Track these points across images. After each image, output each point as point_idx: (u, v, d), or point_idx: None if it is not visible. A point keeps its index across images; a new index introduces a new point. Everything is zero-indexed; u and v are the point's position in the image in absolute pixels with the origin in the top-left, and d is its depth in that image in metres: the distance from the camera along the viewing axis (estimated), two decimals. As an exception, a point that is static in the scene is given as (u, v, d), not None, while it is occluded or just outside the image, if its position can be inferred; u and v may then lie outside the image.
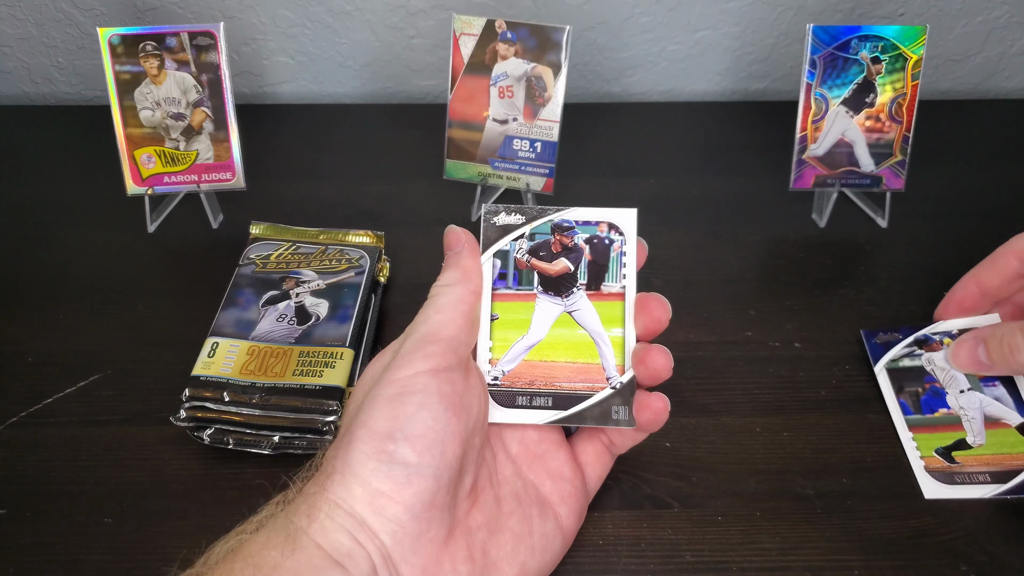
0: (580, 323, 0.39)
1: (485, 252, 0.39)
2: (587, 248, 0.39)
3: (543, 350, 0.39)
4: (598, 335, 0.39)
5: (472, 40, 0.56)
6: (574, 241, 0.39)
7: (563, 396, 0.38)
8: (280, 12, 0.70)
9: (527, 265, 0.39)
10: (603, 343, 0.39)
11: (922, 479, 0.44)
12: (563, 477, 0.39)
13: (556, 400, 0.38)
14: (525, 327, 0.39)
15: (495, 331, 0.39)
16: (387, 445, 0.32)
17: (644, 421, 0.38)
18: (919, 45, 0.56)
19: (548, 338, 0.39)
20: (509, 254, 0.39)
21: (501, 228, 0.39)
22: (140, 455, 0.46)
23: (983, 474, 0.44)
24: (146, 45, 0.55)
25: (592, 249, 0.39)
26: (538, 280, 0.39)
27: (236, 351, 0.46)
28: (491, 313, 0.39)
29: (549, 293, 0.39)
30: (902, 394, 0.48)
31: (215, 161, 0.58)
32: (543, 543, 0.37)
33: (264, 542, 0.31)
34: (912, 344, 0.49)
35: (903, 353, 0.49)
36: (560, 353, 0.39)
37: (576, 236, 0.39)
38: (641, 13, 0.71)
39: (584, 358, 0.39)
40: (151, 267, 0.58)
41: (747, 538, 0.42)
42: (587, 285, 0.39)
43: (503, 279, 0.39)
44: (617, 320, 0.39)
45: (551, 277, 0.39)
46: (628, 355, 0.38)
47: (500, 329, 0.39)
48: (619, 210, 0.39)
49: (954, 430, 0.46)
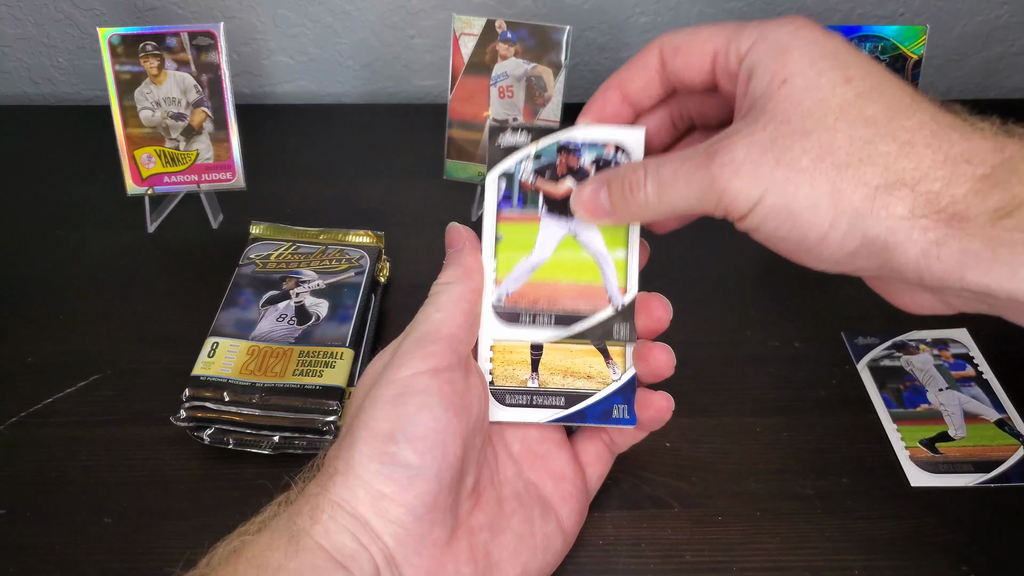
0: (584, 244, 0.38)
1: (490, 173, 0.38)
2: (593, 169, 0.38)
3: (547, 271, 0.38)
4: (601, 256, 0.38)
5: (472, 40, 0.56)
6: (580, 162, 0.38)
7: (565, 316, 0.38)
8: (280, 12, 0.70)
9: (532, 187, 0.38)
10: (606, 264, 0.38)
11: (908, 467, 0.45)
12: (564, 477, 0.39)
13: (558, 319, 0.38)
14: (529, 248, 0.38)
15: (499, 252, 0.38)
16: (389, 447, 0.32)
17: (646, 419, 0.38)
18: (919, 45, 0.56)
19: (552, 259, 0.38)
20: (514, 176, 0.39)
21: (506, 149, 0.38)
22: (140, 455, 0.45)
23: (966, 464, 0.45)
24: (146, 45, 0.55)
25: (598, 170, 0.38)
26: (543, 201, 0.38)
27: (236, 351, 0.46)
28: (496, 234, 0.38)
29: (554, 214, 0.38)
30: (885, 389, 0.49)
31: (215, 161, 0.58)
32: (545, 543, 0.37)
33: (267, 543, 0.31)
34: (891, 347, 0.51)
35: (883, 355, 0.50)
36: (563, 274, 0.38)
37: (583, 157, 0.38)
38: (641, 13, 0.71)
39: (587, 279, 0.38)
40: (151, 267, 0.58)
41: (747, 538, 0.42)
42: None
43: (508, 200, 0.38)
44: (620, 242, 0.38)
45: (556, 198, 0.39)
46: (631, 278, 0.38)
47: (504, 251, 0.38)
48: (626, 129, 0.38)
49: (936, 423, 0.47)
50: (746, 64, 0.32)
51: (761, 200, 0.30)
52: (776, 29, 0.32)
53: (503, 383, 0.38)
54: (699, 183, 0.31)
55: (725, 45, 0.33)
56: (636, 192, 0.34)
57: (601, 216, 0.36)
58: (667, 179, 0.33)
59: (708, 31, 0.34)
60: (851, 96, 0.30)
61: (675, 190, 0.32)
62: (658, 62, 0.36)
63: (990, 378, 0.49)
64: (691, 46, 0.34)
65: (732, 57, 0.33)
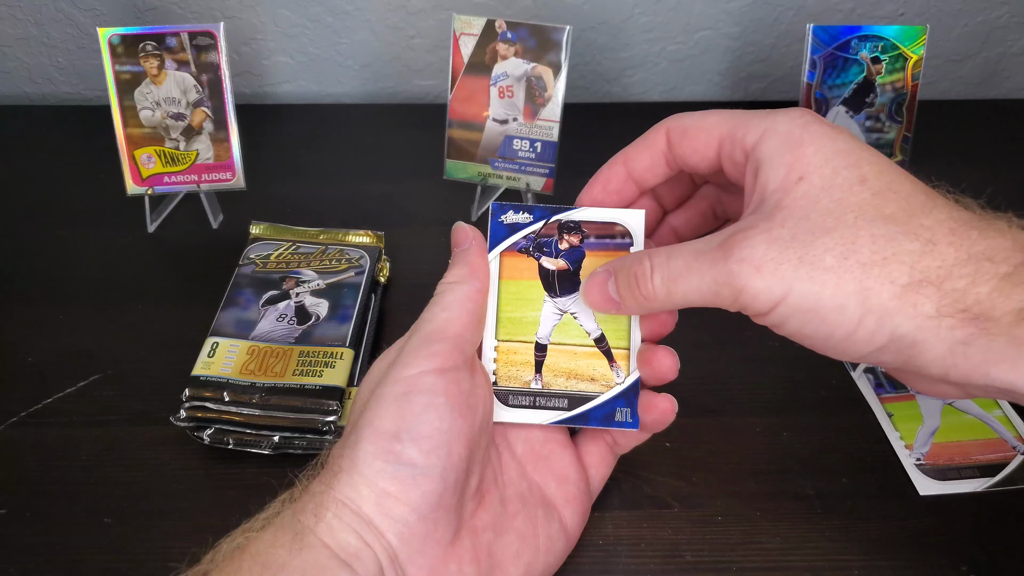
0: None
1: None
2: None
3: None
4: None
5: (472, 40, 0.56)
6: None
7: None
8: (280, 12, 0.70)
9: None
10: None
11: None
12: (568, 478, 0.39)
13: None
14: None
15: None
16: (393, 445, 0.32)
17: (650, 421, 0.38)
18: (919, 45, 0.56)
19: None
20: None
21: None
22: (140, 455, 0.45)
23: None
24: (146, 45, 0.55)
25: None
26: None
27: (236, 351, 0.46)
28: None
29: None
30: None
31: (215, 161, 0.58)
32: (548, 544, 0.37)
33: (271, 540, 0.31)
34: None
35: None
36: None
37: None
38: (641, 13, 0.71)
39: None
40: (151, 267, 0.58)
41: (747, 538, 0.42)
42: None
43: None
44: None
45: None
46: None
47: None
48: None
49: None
50: (754, 157, 0.32)
51: (784, 299, 0.30)
52: (785, 122, 0.32)
53: (507, 384, 0.38)
54: (714, 278, 0.31)
55: (731, 134, 0.33)
56: (643, 285, 0.33)
57: (611, 309, 0.36)
58: (678, 272, 0.32)
59: (715, 118, 0.34)
60: (868, 196, 0.30)
61: (687, 283, 0.32)
62: (664, 143, 0.36)
63: None
64: (697, 132, 0.35)
65: (738, 148, 0.33)
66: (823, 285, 0.29)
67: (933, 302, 0.29)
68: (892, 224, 0.29)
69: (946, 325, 0.28)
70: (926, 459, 0.45)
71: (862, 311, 0.29)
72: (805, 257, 0.30)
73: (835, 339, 0.30)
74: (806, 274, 0.29)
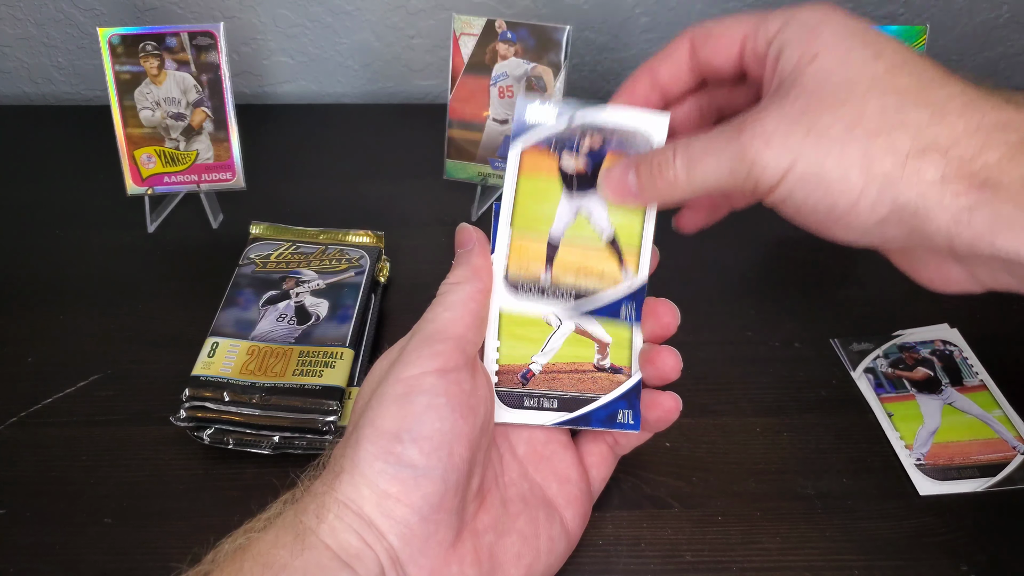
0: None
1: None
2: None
3: None
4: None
5: (472, 40, 0.56)
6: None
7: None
8: (280, 12, 0.70)
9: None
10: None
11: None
12: (569, 479, 0.39)
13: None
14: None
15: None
16: (394, 446, 0.32)
17: (654, 420, 0.38)
18: (919, 45, 0.56)
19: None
20: None
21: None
22: (140, 455, 0.45)
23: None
24: (146, 45, 0.55)
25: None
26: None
27: (236, 351, 0.46)
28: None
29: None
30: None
31: (215, 161, 0.58)
32: (549, 545, 0.37)
33: (273, 541, 0.31)
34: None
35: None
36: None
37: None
38: (641, 13, 0.71)
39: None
40: (151, 267, 0.58)
41: (747, 538, 0.42)
42: None
43: None
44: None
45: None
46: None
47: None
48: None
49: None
50: (775, 45, 0.33)
51: (791, 168, 0.30)
52: (804, 11, 0.32)
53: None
54: (729, 155, 0.31)
55: (754, 29, 0.34)
56: (665, 170, 0.34)
57: (628, 196, 0.36)
58: (696, 154, 0.33)
59: (736, 18, 0.35)
60: (881, 70, 0.30)
61: (705, 165, 0.33)
62: (688, 50, 0.36)
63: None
64: (720, 33, 0.35)
65: (760, 40, 0.33)
66: (827, 154, 0.29)
67: (938, 168, 0.28)
68: (903, 95, 0.29)
69: (951, 191, 0.28)
70: (926, 459, 0.45)
71: (865, 179, 0.29)
72: (813, 128, 0.30)
73: (838, 210, 0.30)
74: (812, 143, 0.30)
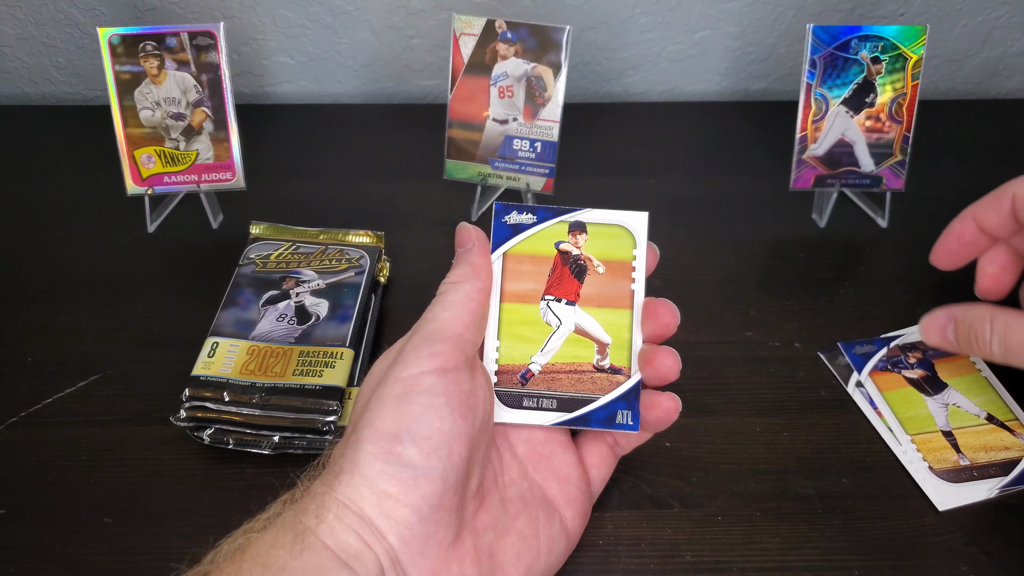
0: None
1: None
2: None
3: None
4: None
5: (472, 40, 0.56)
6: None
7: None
8: (280, 12, 0.70)
9: None
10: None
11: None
12: (569, 479, 0.39)
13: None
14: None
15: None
16: (394, 446, 0.32)
17: (653, 420, 0.38)
18: (919, 45, 0.56)
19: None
20: None
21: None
22: (140, 455, 0.45)
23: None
24: (146, 45, 0.55)
25: None
26: None
27: (236, 351, 0.46)
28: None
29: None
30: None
31: (215, 161, 0.58)
32: (548, 545, 0.37)
33: (272, 541, 0.31)
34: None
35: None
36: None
37: None
38: (641, 13, 0.71)
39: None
40: (151, 267, 0.58)
41: (747, 538, 0.42)
42: None
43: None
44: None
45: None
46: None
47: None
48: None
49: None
50: None
51: None
52: None
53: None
54: None
55: None
56: (982, 345, 0.41)
57: (947, 348, 0.44)
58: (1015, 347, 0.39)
59: None
60: None
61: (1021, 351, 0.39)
62: (1010, 205, 0.44)
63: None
64: None
65: None
66: None
67: None
68: None
69: None
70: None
71: None
72: None
73: None
74: None
